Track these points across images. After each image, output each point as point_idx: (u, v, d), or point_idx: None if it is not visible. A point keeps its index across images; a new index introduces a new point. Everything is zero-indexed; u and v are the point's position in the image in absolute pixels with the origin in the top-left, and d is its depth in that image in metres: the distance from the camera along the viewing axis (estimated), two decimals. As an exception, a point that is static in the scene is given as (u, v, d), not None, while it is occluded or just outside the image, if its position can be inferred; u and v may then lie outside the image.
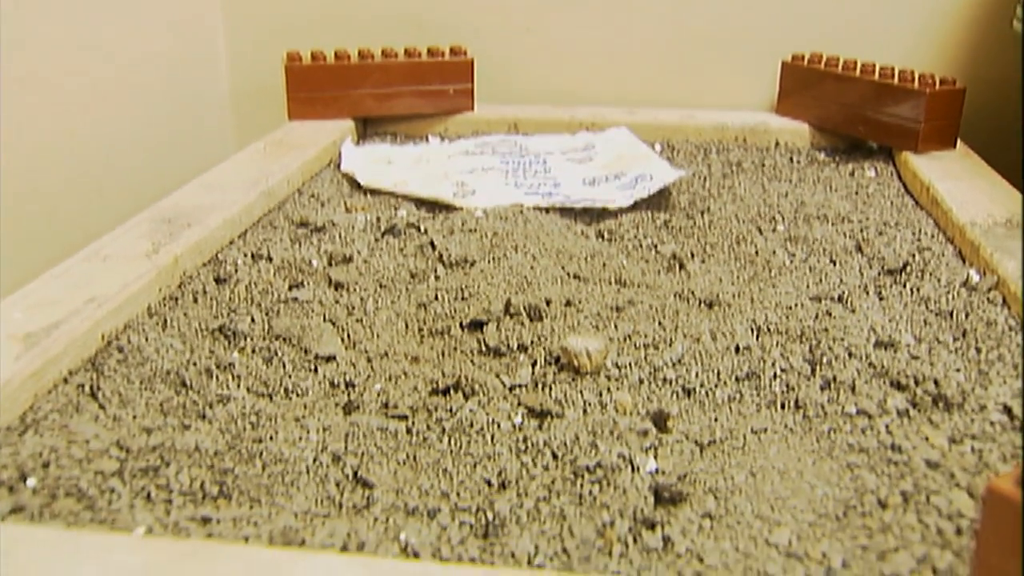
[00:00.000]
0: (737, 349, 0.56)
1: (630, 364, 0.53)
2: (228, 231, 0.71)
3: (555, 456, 0.46)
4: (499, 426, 0.48)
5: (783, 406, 0.51)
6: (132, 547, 0.35)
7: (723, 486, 0.44)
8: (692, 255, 0.72)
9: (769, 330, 0.58)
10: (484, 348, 0.57)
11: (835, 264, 0.70)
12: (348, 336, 0.59)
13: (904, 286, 0.65)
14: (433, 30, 1.15)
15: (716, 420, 0.50)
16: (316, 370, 0.55)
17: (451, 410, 0.49)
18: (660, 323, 0.58)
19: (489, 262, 0.68)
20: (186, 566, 0.34)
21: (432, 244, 0.72)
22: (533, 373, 0.53)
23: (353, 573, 0.34)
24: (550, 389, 0.51)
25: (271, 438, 0.47)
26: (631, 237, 0.76)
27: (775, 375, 0.53)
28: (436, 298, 0.63)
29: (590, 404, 0.50)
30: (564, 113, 1.07)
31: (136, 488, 0.43)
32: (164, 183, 0.83)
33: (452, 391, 0.52)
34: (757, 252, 0.72)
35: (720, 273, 0.69)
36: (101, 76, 0.93)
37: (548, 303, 0.61)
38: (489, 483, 0.44)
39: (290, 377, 0.54)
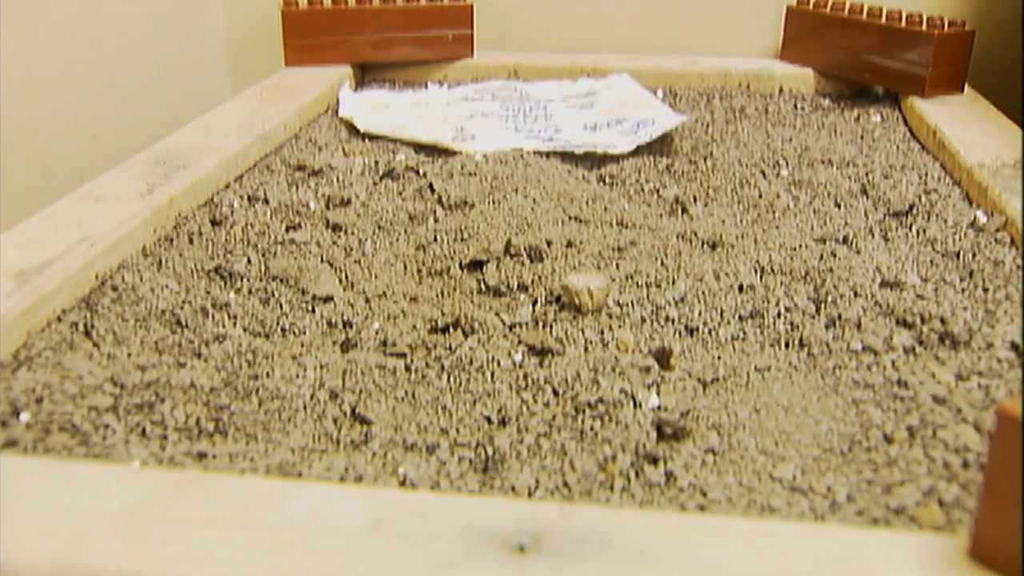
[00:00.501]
0: (740, 288, 0.55)
1: (632, 303, 0.53)
2: (224, 173, 0.70)
3: (556, 393, 0.45)
4: (499, 363, 0.47)
5: (787, 344, 0.50)
6: (127, 477, 0.34)
7: (726, 422, 0.43)
8: (695, 199, 0.71)
9: (773, 270, 0.57)
10: (484, 288, 0.56)
11: (840, 207, 0.69)
12: (346, 277, 0.58)
13: (910, 228, 0.65)
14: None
15: (719, 358, 0.49)
16: (313, 310, 0.54)
17: (450, 347, 0.49)
18: (662, 263, 0.58)
19: (489, 204, 0.67)
20: (182, 496, 0.33)
21: (431, 187, 0.71)
22: (534, 312, 0.53)
23: (350, 503, 0.33)
24: (551, 327, 0.51)
25: (267, 375, 0.46)
26: (633, 182, 0.75)
27: (779, 314, 0.52)
28: (435, 239, 0.62)
29: (591, 342, 0.49)
30: (565, 59, 1.06)
31: (131, 424, 0.43)
32: (159, 131, 0.81)
33: (451, 329, 0.51)
34: (761, 195, 0.71)
35: (723, 216, 0.68)
36: (97, 20, 0.91)
37: (549, 244, 0.60)
38: (489, 420, 0.44)
39: (287, 317, 0.53)
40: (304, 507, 0.33)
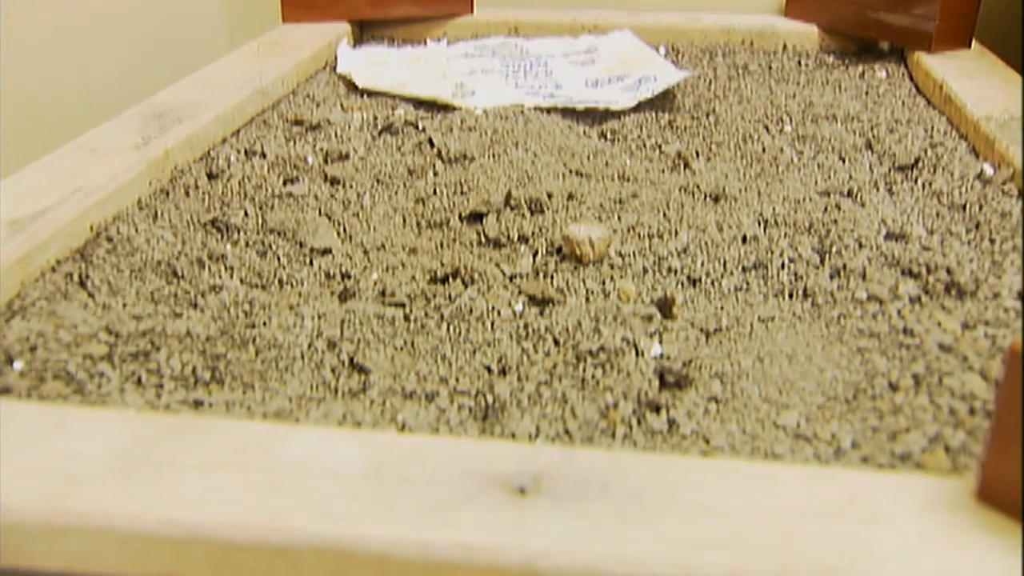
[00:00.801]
0: (744, 239, 0.54)
1: (634, 253, 0.52)
2: (220, 128, 0.69)
3: (557, 342, 0.45)
4: (499, 313, 0.47)
5: (791, 295, 0.50)
6: (121, 420, 0.34)
7: (730, 371, 0.43)
8: (697, 154, 0.71)
9: (776, 222, 0.57)
10: (484, 239, 0.55)
11: (844, 161, 0.68)
12: (344, 230, 0.57)
13: (915, 181, 0.64)
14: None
15: (722, 308, 0.48)
16: (311, 262, 0.53)
17: (450, 297, 0.48)
18: (664, 214, 0.57)
19: (489, 158, 0.66)
20: (176, 439, 0.33)
21: (431, 141, 0.70)
22: (534, 263, 0.52)
23: (347, 446, 0.32)
24: (552, 278, 0.50)
25: (264, 324, 0.46)
26: (634, 137, 0.74)
27: (783, 265, 0.52)
28: (434, 192, 0.61)
29: (592, 292, 0.49)
30: (566, 16, 1.04)
31: (126, 372, 0.42)
32: (155, 87, 0.80)
33: (451, 279, 0.50)
34: (764, 150, 0.70)
35: (726, 170, 0.67)
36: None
37: (549, 196, 0.59)
38: (489, 369, 0.43)
39: (284, 269, 0.52)
40: (301, 451, 0.32)
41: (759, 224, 0.56)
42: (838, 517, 0.29)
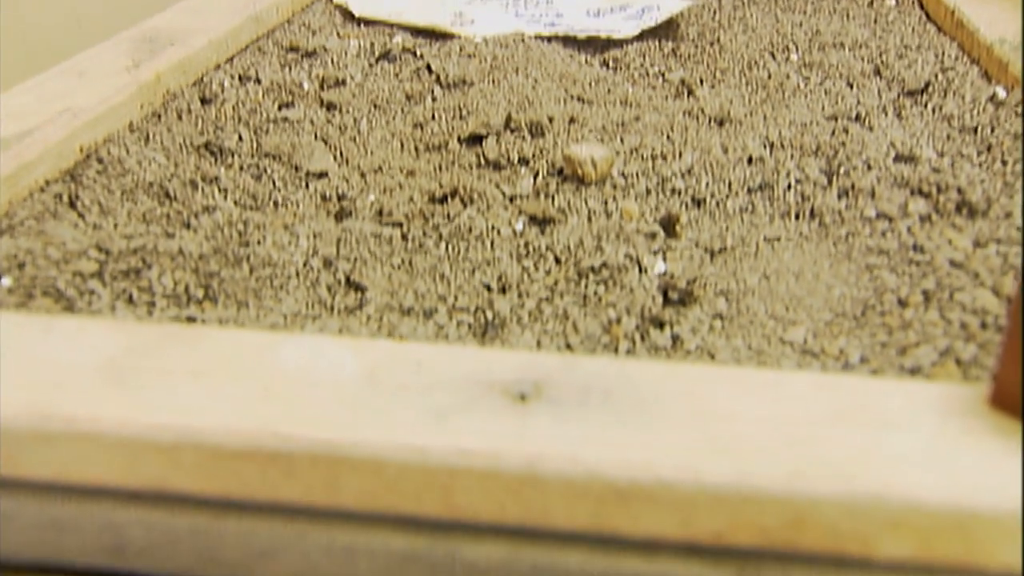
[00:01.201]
0: (749, 160, 0.53)
1: (636, 174, 0.51)
2: (213, 53, 0.68)
3: (558, 260, 0.43)
4: (499, 232, 0.46)
5: (798, 216, 0.48)
6: (111, 329, 0.33)
7: (735, 288, 0.42)
8: (701, 81, 0.69)
9: (783, 145, 0.55)
10: (483, 161, 0.54)
11: (852, 87, 0.66)
12: (340, 154, 0.56)
13: (925, 106, 0.62)
14: None
15: (727, 229, 0.47)
16: (307, 185, 0.52)
17: (448, 216, 0.47)
18: (668, 137, 0.55)
19: (488, 83, 0.64)
20: (168, 348, 0.32)
21: (429, 68, 0.69)
22: (535, 184, 0.51)
23: (342, 354, 0.31)
24: (553, 198, 0.49)
25: (259, 243, 0.45)
26: (637, 65, 0.72)
27: (789, 186, 0.50)
28: (433, 117, 0.60)
29: (595, 212, 0.47)
30: (567, -53, 1.02)
31: (117, 290, 0.41)
32: (145, 13, 0.78)
33: (449, 199, 0.49)
34: (770, 77, 0.69)
35: (731, 96, 0.65)
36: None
37: (550, 120, 0.58)
38: (488, 287, 0.42)
39: (279, 191, 0.51)
40: (295, 358, 0.31)
41: (765, 147, 0.55)
42: (849, 423, 0.29)
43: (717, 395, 0.30)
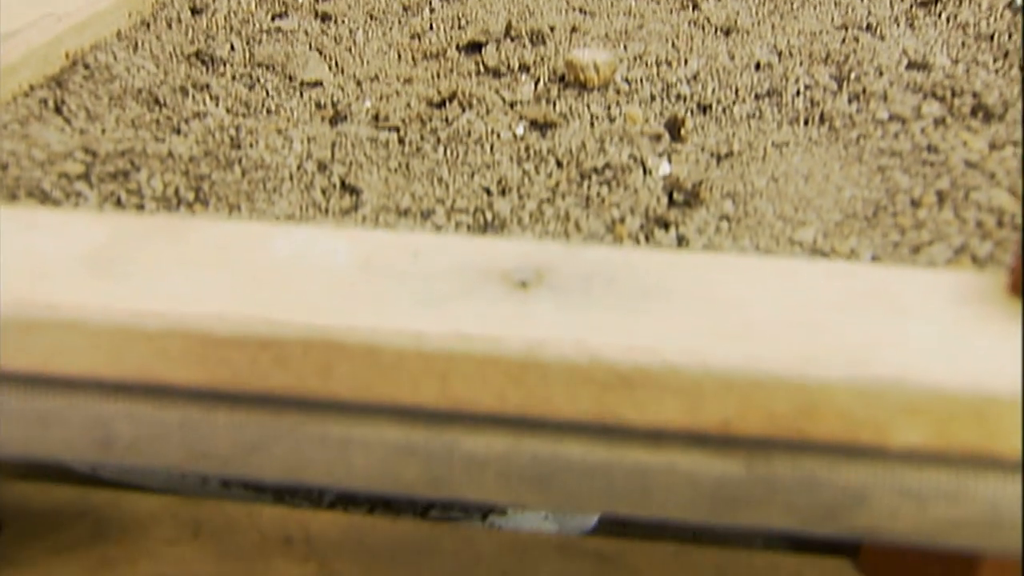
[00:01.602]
0: (757, 67, 0.51)
1: (640, 80, 0.49)
2: (204, -36, 0.65)
3: (560, 163, 0.42)
4: (499, 136, 0.44)
5: (807, 121, 0.47)
6: (97, 220, 0.32)
7: (742, 190, 0.40)
8: (707, -6, 0.67)
9: (791, 53, 0.54)
10: (483, 68, 0.52)
11: (863, -1, 0.64)
12: (336, 63, 0.54)
13: (939, 16, 0.60)
14: None
15: (734, 135, 0.46)
16: (301, 94, 0.51)
17: (447, 120, 0.45)
18: (673, 44, 0.54)
19: (488, -6, 0.62)
20: (154, 238, 0.31)
21: (426, -20, 0.66)
22: (536, 90, 0.49)
23: (336, 243, 0.30)
24: (554, 103, 0.47)
25: (251, 146, 0.43)
26: (641, -20, 0.70)
27: (798, 92, 0.49)
28: (431, 28, 0.58)
29: (597, 116, 0.46)
30: None
31: (104, 192, 0.40)
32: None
33: (448, 103, 0.47)
34: (778, -11, 0.66)
35: (737, 8, 0.63)
36: None
37: (552, 29, 0.56)
38: (488, 191, 0.41)
39: (272, 99, 0.49)
40: (287, 248, 0.30)
41: (773, 54, 0.53)
42: (863, 309, 0.28)
43: (725, 283, 0.29)
